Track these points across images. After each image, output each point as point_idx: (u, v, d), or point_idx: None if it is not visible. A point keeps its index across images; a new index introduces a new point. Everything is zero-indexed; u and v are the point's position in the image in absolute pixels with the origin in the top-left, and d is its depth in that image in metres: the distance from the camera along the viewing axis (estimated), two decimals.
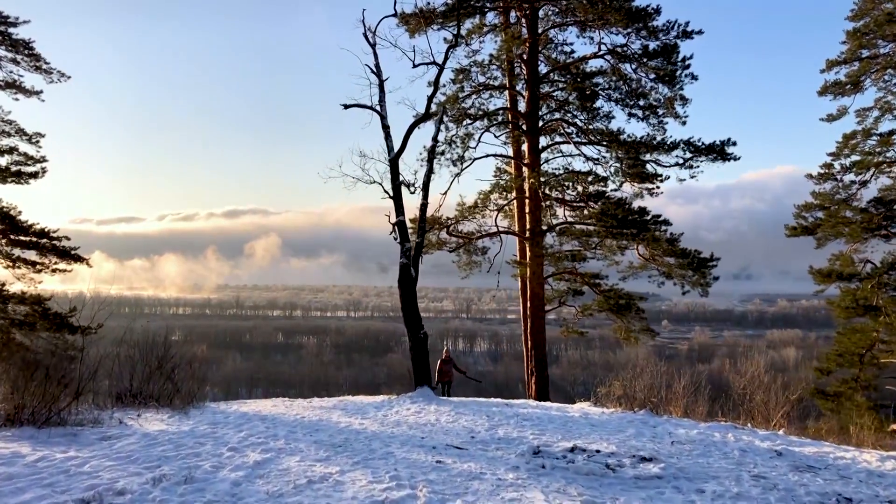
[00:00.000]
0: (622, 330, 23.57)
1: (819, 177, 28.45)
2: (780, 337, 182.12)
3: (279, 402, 15.68)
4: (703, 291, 22.12)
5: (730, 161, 21.28)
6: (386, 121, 15.40)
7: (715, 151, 21.14)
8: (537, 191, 21.97)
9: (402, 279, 14.92)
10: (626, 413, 11.62)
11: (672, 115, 20.91)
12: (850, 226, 26.87)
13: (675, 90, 20.39)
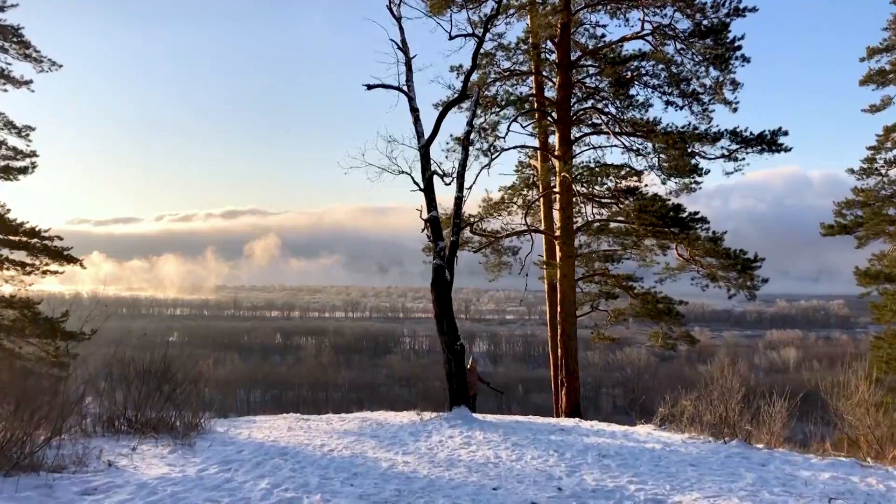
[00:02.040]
0: (659, 336, 21.74)
1: (861, 172, 26.71)
2: (779, 337, 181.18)
3: (293, 420, 13.84)
4: (750, 294, 20.32)
5: (780, 153, 19.45)
6: (414, 103, 13.55)
7: (764, 142, 19.31)
8: (570, 185, 20.13)
9: (435, 282, 13.06)
10: (716, 444, 9.77)
11: (721, 100, 19.07)
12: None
13: (725, 74, 18.55)
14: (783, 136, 19.16)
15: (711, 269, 20.47)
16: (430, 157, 13.19)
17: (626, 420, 64.22)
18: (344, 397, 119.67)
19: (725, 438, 9.82)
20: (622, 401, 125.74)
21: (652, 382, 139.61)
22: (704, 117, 19.69)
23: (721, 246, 20.11)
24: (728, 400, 10.13)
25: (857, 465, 8.23)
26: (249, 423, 13.32)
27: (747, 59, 18.33)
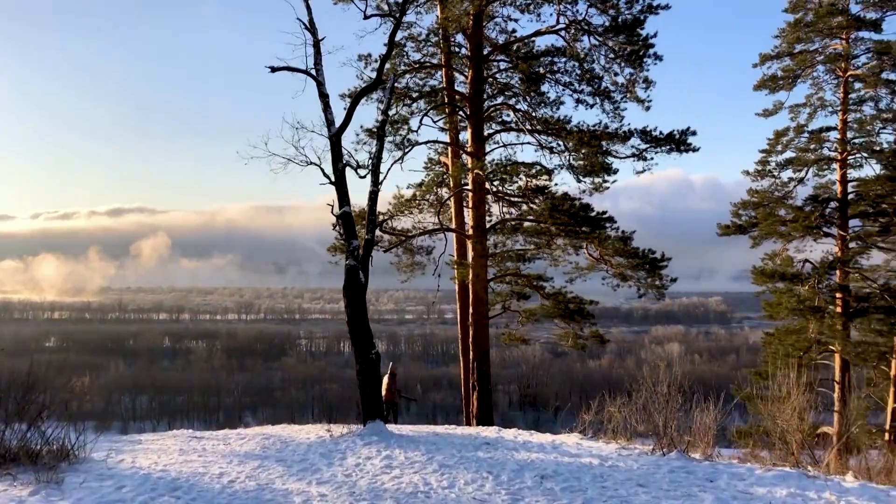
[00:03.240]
0: (570, 336, 21.47)
1: (756, 174, 27.63)
2: (663, 333, 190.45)
3: (185, 440, 12.29)
4: (659, 294, 20.36)
5: (688, 152, 19.56)
6: (324, 88, 12.34)
7: (673, 142, 19.36)
8: (482, 183, 19.45)
9: (348, 285, 11.91)
10: (654, 457, 9.21)
11: (634, 98, 18.92)
12: (788, 224, 26.10)
13: (638, 71, 18.39)
14: (692, 136, 19.27)
15: (621, 268, 20.36)
16: (341, 146, 12.05)
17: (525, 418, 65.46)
18: (237, 402, 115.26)
19: (664, 450, 9.28)
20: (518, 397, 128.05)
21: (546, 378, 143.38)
22: (616, 116, 19.53)
23: (630, 245, 20.02)
24: (665, 409, 9.60)
25: (803, 476, 7.84)
26: (133, 446, 11.71)
27: (660, 58, 18.27)
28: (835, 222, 26.23)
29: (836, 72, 26.34)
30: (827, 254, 25.79)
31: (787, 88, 27.26)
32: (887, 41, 24.63)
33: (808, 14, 26.34)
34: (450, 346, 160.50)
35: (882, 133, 26.19)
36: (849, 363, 25.98)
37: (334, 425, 13.73)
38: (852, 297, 25.89)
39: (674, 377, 9.94)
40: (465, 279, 20.18)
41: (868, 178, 26.27)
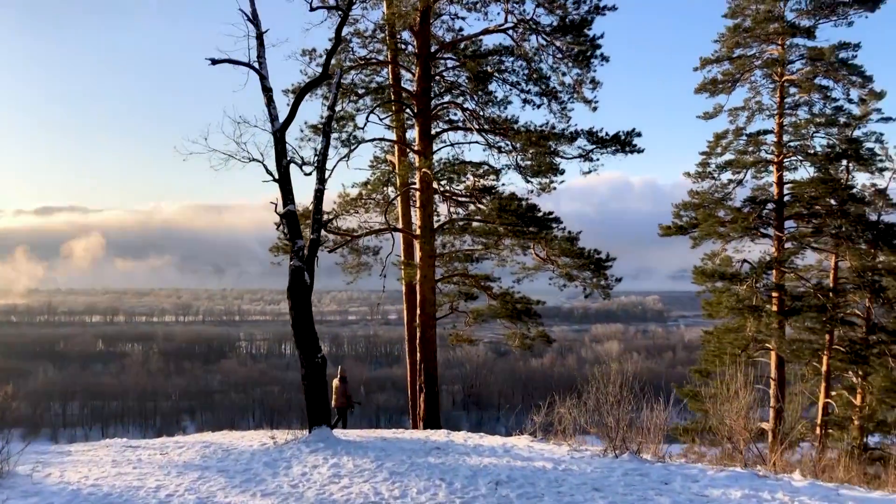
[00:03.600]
0: (516, 337, 21.43)
1: (697, 175, 28.19)
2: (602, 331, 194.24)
3: (119, 450, 11.67)
4: (604, 294, 20.48)
5: (634, 153, 19.71)
6: (267, 81, 11.87)
7: (619, 143, 19.47)
8: (430, 182, 19.20)
9: (293, 286, 11.48)
10: (606, 459, 9.12)
11: (581, 99, 18.97)
12: (727, 225, 26.69)
13: (585, 72, 18.44)
14: (637, 138, 19.41)
15: (567, 268, 20.41)
16: (285, 143, 11.61)
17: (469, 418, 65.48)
18: (174, 406, 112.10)
19: (616, 452, 9.20)
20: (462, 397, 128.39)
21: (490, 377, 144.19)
22: (563, 116, 19.54)
23: (576, 246, 20.08)
24: (617, 409, 9.53)
25: (755, 476, 7.85)
26: (63, 458, 11.06)
27: (606, 59, 18.35)
28: (771, 223, 26.95)
29: (772, 76, 27.09)
30: (764, 254, 26.48)
31: (727, 92, 27.89)
32: (820, 48, 25.44)
33: (746, 20, 27.02)
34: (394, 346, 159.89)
35: (815, 137, 27.08)
36: (784, 360, 26.75)
37: (278, 431, 13.31)
38: (788, 296, 26.67)
39: (625, 377, 9.89)
40: (413, 280, 19.91)
41: (802, 181, 27.13)
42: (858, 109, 26.61)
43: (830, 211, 26.45)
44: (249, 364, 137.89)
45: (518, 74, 19.97)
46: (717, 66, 28.25)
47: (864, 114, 26.69)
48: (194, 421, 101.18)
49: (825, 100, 26.55)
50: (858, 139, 26.61)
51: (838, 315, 27.03)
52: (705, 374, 27.99)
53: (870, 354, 26.76)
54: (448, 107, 20.98)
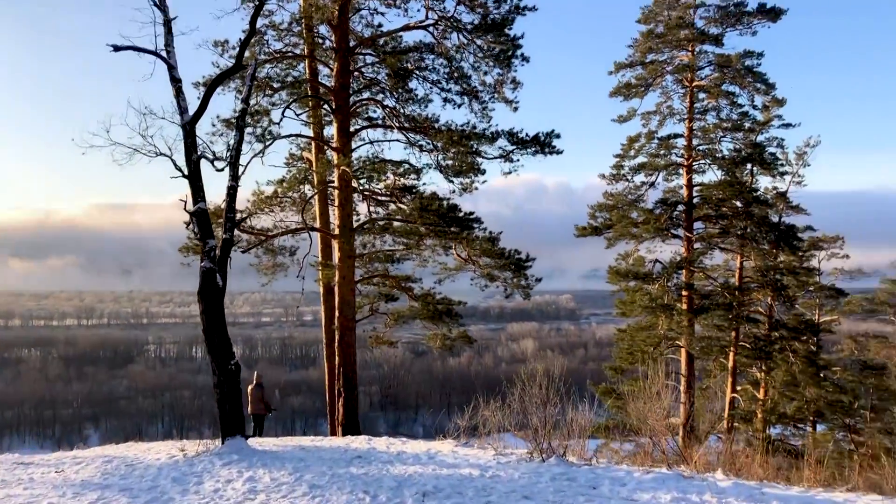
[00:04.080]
0: (437, 338, 21.20)
1: (611, 177, 28.77)
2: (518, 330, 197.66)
3: (9, 467, 10.68)
4: (525, 294, 20.53)
5: (553, 155, 19.82)
6: (176, 72, 11.13)
7: (539, 144, 19.52)
8: (349, 181, 18.69)
9: (204, 289, 10.78)
10: (533, 463, 8.96)
11: (502, 99, 18.91)
12: (640, 226, 27.36)
13: (507, 72, 18.39)
14: (556, 139, 19.52)
15: (488, 268, 20.34)
16: (196, 136, 10.91)
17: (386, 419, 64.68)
18: (76, 415, 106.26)
19: (543, 456, 9.06)
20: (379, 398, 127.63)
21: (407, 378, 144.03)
22: (484, 116, 19.43)
23: (497, 246, 20.04)
24: (543, 412, 9.40)
25: (681, 478, 7.85)
26: None
27: (527, 59, 18.36)
28: (681, 224, 27.82)
29: (683, 82, 27.96)
30: (675, 254, 27.31)
31: (640, 96, 28.62)
32: (728, 55, 26.45)
33: (658, 26, 27.80)
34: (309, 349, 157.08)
35: (723, 141, 28.12)
36: (693, 357, 27.68)
37: (188, 442, 12.55)
38: (697, 294, 27.61)
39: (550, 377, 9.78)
40: (331, 281, 19.35)
41: (710, 184, 28.12)
42: (761, 115, 27.83)
43: (736, 213, 27.52)
44: (158, 368, 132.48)
45: (439, 72, 19.73)
46: (631, 70, 28.95)
47: (766, 120, 27.95)
48: (98, 429, 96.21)
49: (732, 105, 27.62)
50: (762, 144, 27.82)
51: (743, 313, 28.21)
52: (620, 371, 28.67)
53: (773, 350, 28.06)
54: (367, 104, 20.54)
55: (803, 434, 33.58)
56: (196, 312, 11.34)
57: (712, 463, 10.00)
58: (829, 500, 6.78)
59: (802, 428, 34.22)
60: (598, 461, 9.10)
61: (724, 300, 27.63)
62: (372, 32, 20.29)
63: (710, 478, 7.86)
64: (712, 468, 8.79)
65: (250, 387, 15.67)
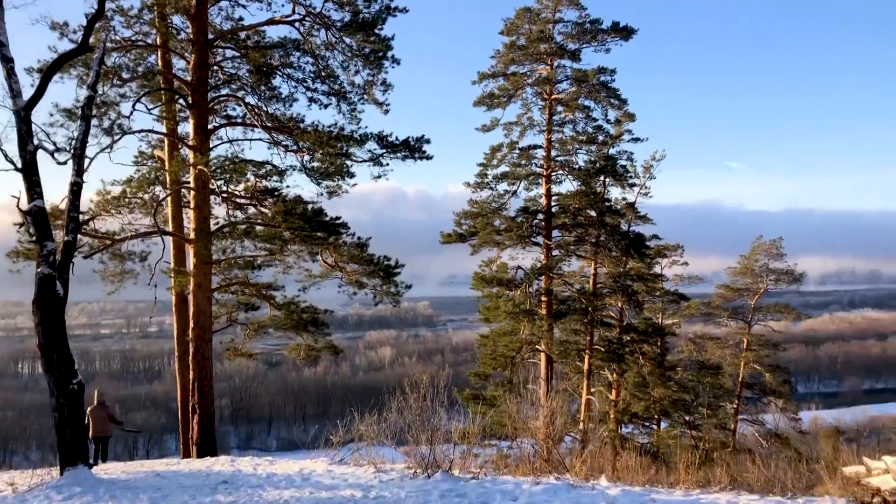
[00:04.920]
0: (301, 349, 20.29)
1: (476, 185, 29.10)
2: (377, 338, 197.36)
3: None
4: (394, 301, 20.14)
5: (423, 160, 19.62)
6: (7, 50, 9.69)
7: (409, 148, 19.25)
8: (206, 181, 17.42)
9: (41, 298, 9.41)
10: (418, 480, 8.52)
11: (372, 100, 18.42)
12: (503, 234, 27.86)
13: (377, 73, 17.93)
14: (426, 144, 19.32)
15: (356, 275, 19.76)
16: (32, 124, 9.54)
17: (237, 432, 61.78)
18: None
19: (428, 471, 8.65)
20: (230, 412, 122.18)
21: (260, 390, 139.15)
22: (353, 118, 18.86)
23: (366, 252, 19.52)
24: (427, 425, 9.00)
25: (570, 487, 7.74)
26: None
27: (398, 61, 18.02)
28: (541, 232, 28.63)
29: (542, 95, 28.82)
30: (536, 261, 28.03)
31: (503, 106, 29.19)
32: (584, 70, 27.56)
33: (520, 38, 28.49)
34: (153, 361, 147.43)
35: (579, 153, 29.28)
36: (552, 360, 28.52)
37: (18, 474, 11.03)
38: (556, 300, 28.50)
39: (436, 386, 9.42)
40: (185, 289, 17.96)
41: (568, 193, 29.17)
42: (613, 129, 29.27)
43: (591, 222, 28.72)
44: None
45: (305, 71, 18.95)
46: (494, 81, 29.46)
47: (618, 134, 29.43)
48: None
49: (587, 119, 28.80)
50: (614, 157, 29.24)
51: (598, 317, 29.49)
52: (483, 376, 29.00)
53: (624, 353, 29.47)
54: (227, 100, 19.33)
55: (650, 432, 35.63)
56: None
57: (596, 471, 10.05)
58: (713, 501, 6.90)
59: (649, 426, 36.30)
60: (485, 473, 8.82)
61: (581, 305, 28.72)
62: (232, 26, 19.12)
63: (597, 486, 7.81)
64: (595, 475, 8.79)
65: (90, 407, 14.10)
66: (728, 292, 39.45)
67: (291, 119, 19.08)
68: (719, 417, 39.44)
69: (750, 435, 40.13)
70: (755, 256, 38.86)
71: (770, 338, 39.96)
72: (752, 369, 39.24)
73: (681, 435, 35.06)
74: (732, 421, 39.44)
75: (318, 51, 18.14)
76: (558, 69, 28.53)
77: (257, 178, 19.45)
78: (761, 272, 39.03)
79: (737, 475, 9.08)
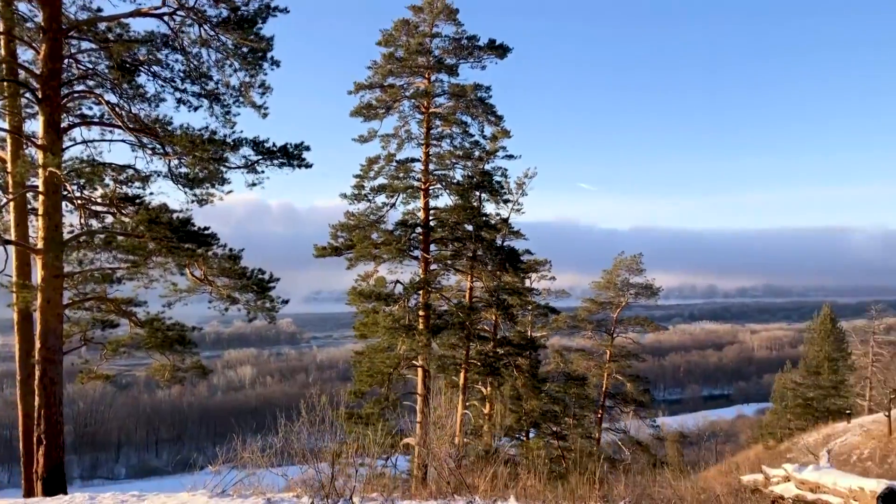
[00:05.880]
0: (167, 370, 18.65)
1: (353, 197, 28.39)
2: (236, 356, 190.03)
3: None
4: (269, 316, 19.00)
5: (302, 168, 18.74)
6: None
7: (287, 155, 18.30)
8: (59, 185, 15.62)
9: None
10: None
11: (250, 103, 17.34)
12: (381, 247, 27.32)
13: (255, 74, 16.90)
14: (306, 152, 18.46)
15: (227, 289, 18.49)
16: None
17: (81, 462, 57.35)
18: None
19: (328, 500, 7.92)
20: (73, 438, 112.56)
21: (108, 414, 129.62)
22: (227, 121, 17.67)
23: (238, 265, 18.34)
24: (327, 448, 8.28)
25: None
26: None
27: (277, 63, 17.10)
28: (419, 246, 28.36)
29: (420, 108, 28.67)
30: (414, 275, 27.69)
31: (380, 118, 28.70)
32: (462, 85, 27.71)
33: (398, 50, 28.22)
34: None
35: (456, 168, 29.36)
36: (429, 376, 28.23)
37: None
38: (434, 314, 28.27)
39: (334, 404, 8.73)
40: (31, 305, 15.97)
41: (445, 208, 29.14)
42: (489, 146, 29.63)
43: (468, 236, 28.84)
44: None
45: (174, 70, 17.55)
46: (370, 92, 28.95)
47: (493, 150, 29.83)
48: None
49: (464, 134, 28.95)
50: (489, 172, 29.57)
51: (474, 331, 29.60)
52: (359, 394, 28.18)
53: (500, 366, 29.75)
54: (84, 97, 17.51)
55: (520, 443, 36.19)
56: None
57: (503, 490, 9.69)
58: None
59: (518, 437, 36.86)
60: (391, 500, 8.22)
61: (458, 319, 28.68)
62: (90, 15, 17.39)
63: None
64: (501, 493, 8.44)
65: None
66: (592, 305, 41.05)
67: (157, 120, 17.62)
68: (584, 427, 40.78)
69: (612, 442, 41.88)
70: (617, 271, 40.75)
71: (630, 349, 41.97)
72: (615, 379, 41.00)
73: (547, 445, 35.90)
74: (597, 430, 40.97)
75: (191, 48, 16.85)
76: (436, 83, 28.50)
77: (117, 184, 17.79)
78: (623, 286, 40.96)
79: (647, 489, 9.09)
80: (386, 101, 28.51)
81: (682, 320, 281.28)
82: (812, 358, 63.92)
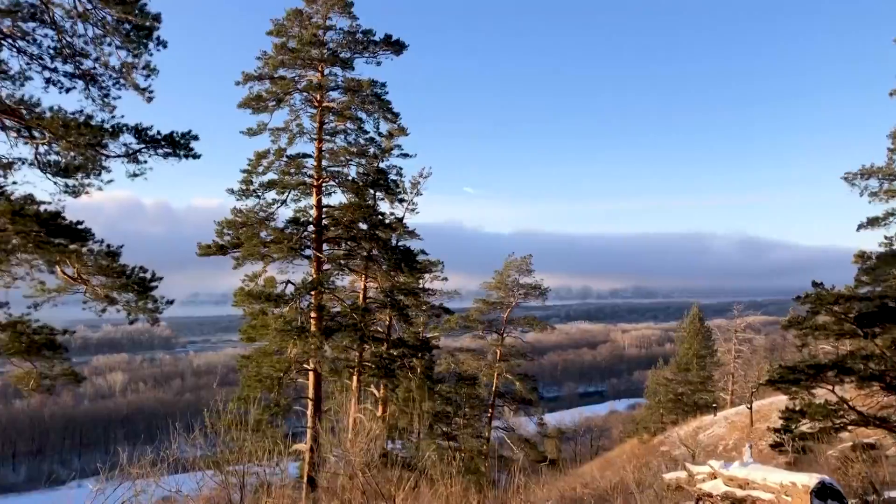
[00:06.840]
0: (31, 377, 16.75)
1: (241, 193, 26.97)
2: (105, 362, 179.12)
3: None
4: (152, 318, 17.54)
5: (189, 158, 17.41)
6: None
7: (173, 144, 16.94)
8: None
9: None
10: None
11: (132, 86, 15.84)
12: (270, 246, 26.12)
13: (140, 54, 15.48)
14: (194, 141, 17.16)
15: (105, 289, 16.89)
16: None
17: None
18: None
19: None
20: None
21: None
22: (105, 105, 16.09)
23: (117, 262, 16.80)
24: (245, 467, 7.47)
25: None
26: None
27: (164, 43, 15.75)
28: (311, 245, 27.33)
29: (313, 102, 27.68)
30: (306, 275, 26.63)
31: (270, 111, 27.45)
32: (358, 79, 26.99)
33: (290, 41, 27.10)
34: None
35: (351, 164, 28.56)
36: (321, 379, 27.27)
37: None
38: (327, 316, 27.33)
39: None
40: None
41: (340, 206, 28.29)
42: (384, 143, 29.07)
43: (363, 235, 28.12)
44: None
45: (42, 46, 15.80)
46: (260, 83, 27.63)
47: (388, 148, 29.31)
48: None
49: (359, 130, 28.21)
50: (385, 170, 29.01)
51: (369, 332, 28.89)
52: (247, 400, 26.73)
53: (395, 367, 29.22)
54: None
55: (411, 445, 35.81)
56: None
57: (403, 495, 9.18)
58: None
59: (410, 439, 36.47)
60: None
61: (352, 321, 27.90)
62: None
63: None
64: None
65: None
66: (484, 306, 41.32)
67: (22, 101, 15.80)
68: (475, 427, 40.94)
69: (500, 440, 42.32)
70: (508, 272, 41.23)
71: (520, 348, 42.58)
72: (505, 379, 41.43)
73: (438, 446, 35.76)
74: (487, 429, 41.24)
75: (63, 22, 15.22)
76: (330, 76, 27.63)
77: None
78: (513, 286, 41.50)
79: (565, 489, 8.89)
80: (276, 93, 27.27)
81: (560, 320, 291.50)
82: (682, 355, 67.74)
